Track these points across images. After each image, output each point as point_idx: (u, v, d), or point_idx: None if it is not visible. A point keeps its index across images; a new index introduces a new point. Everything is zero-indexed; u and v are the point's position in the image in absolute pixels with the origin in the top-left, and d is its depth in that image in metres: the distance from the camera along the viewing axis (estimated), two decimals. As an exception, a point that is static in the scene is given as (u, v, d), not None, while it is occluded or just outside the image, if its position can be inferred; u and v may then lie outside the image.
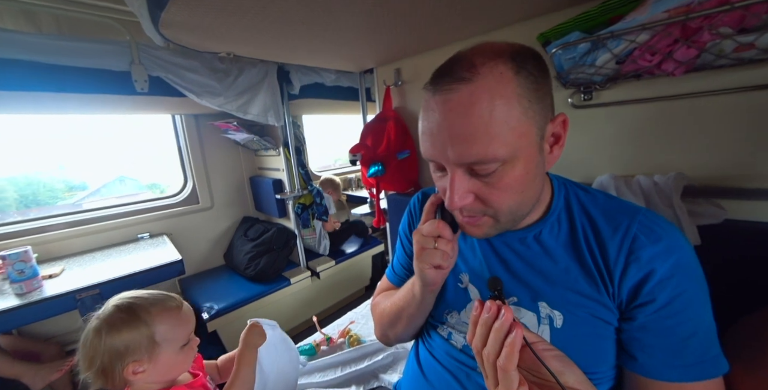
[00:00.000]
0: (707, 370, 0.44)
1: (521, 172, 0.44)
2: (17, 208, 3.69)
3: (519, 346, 0.37)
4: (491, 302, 0.40)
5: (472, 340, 0.41)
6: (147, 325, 0.62)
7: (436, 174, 0.50)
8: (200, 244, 2.18)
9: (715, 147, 0.74)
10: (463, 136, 0.41)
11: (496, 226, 0.49)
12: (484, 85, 0.40)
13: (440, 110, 0.42)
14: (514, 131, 0.41)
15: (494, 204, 0.46)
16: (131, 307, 0.63)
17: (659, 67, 0.72)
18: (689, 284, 0.45)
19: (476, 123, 0.40)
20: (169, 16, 0.63)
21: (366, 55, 1.25)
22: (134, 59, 1.27)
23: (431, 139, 0.45)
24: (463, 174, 0.45)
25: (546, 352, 0.39)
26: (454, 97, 0.41)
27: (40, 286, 1.25)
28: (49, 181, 4.17)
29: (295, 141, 2.05)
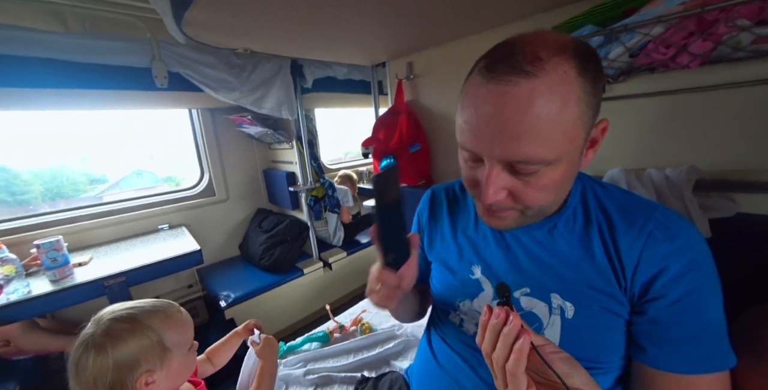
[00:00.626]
0: (715, 364, 0.44)
1: (561, 175, 0.44)
2: (43, 200, 3.87)
3: (527, 351, 0.38)
4: (500, 308, 0.40)
5: (482, 342, 0.42)
6: (155, 331, 0.61)
7: (469, 164, 0.49)
8: (217, 235, 2.25)
9: (728, 140, 0.73)
10: (514, 134, 0.39)
11: (519, 219, 0.50)
12: (548, 83, 0.38)
13: (493, 102, 0.40)
14: (565, 135, 0.40)
15: (526, 202, 0.46)
16: (132, 317, 0.61)
17: (674, 60, 0.72)
18: (702, 282, 0.45)
19: (531, 122, 0.38)
20: (192, 15, 0.65)
21: (378, 50, 1.27)
22: (155, 56, 1.31)
23: (477, 130, 0.43)
24: (501, 170, 0.44)
25: (553, 354, 0.40)
26: (513, 90, 0.38)
27: (71, 273, 1.32)
28: (72, 174, 4.34)
29: (308, 134, 2.08)
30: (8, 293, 1.16)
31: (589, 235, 0.52)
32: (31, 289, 1.20)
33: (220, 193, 2.23)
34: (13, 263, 1.28)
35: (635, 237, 0.48)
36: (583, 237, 0.53)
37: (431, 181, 1.38)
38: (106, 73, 1.26)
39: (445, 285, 0.68)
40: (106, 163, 4.30)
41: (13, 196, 3.49)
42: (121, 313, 0.62)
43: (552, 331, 0.52)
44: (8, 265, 1.25)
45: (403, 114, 1.28)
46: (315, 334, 1.20)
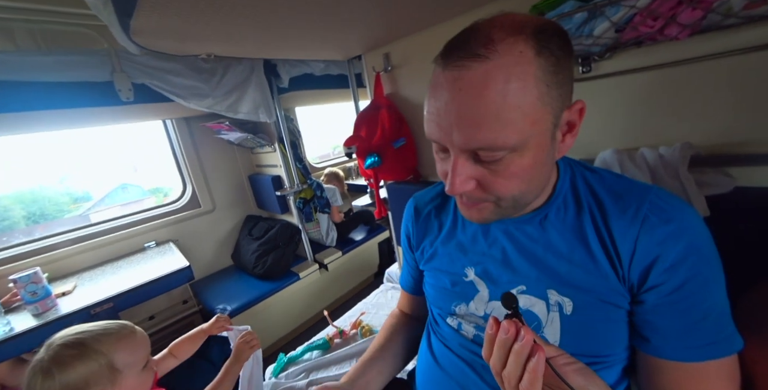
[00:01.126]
0: (721, 349, 0.43)
1: (529, 161, 0.41)
2: (26, 224, 3.74)
3: (542, 370, 0.35)
4: (508, 322, 0.38)
5: (489, 357, 0.39)
6: (103, 355, 0.62)
7: (439, 155, 0.47)
8: (207, 247, 2.20)
9: (721, 112, 0.70)
10: (471, 120, 0.38)
11: (497, 211, 0.47)
12: (501, 65, 0.36)
13: (449, 88, 0.39)
14: (527, 118, 0.38)
15: (497, 192, 0.44)
16: (80, 342, 0.62)
17: (662, 32, 0.68)
18: (703, 266, 0.43)
19: (487, 107, 0.37)
20: (139, 23, 0.59)
21: (352, 42, 1.20)
22: (115, 68, 1.23)
23: (437, 119, 0.41)
24: (466, 159, 0.42)
25: (566, 366, 0.38)
26: (466, 75, 0.37)
27: (54, 304, 1.26)
28: (54, 195, 4.20)
29: (290, 135, 2.02)
30: (-13, 333, 1.10)
31: (582, 223, 0.50)
32: (12, 326, 1.14)
33: (206, 204, 2.16)
34: (-12, 301, 1.22)
35: (630, 223, 0.46)
36: (576, 226, 0.51)
37: (419, 175, 1.34)
38: (66, 90, 1.18)
39: (438, 290, 0.66)
40: (88, 180, 4.16)
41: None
42: (69, 338, 0.63)
43: (552, 329, 0.50)
44: (-17, 304, 1.19)
45: (384, 108, 1.23)
46: (315, 342, 1.17)
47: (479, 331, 0.59)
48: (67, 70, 1.16)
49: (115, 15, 0.62)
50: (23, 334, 1.12)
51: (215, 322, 0.96)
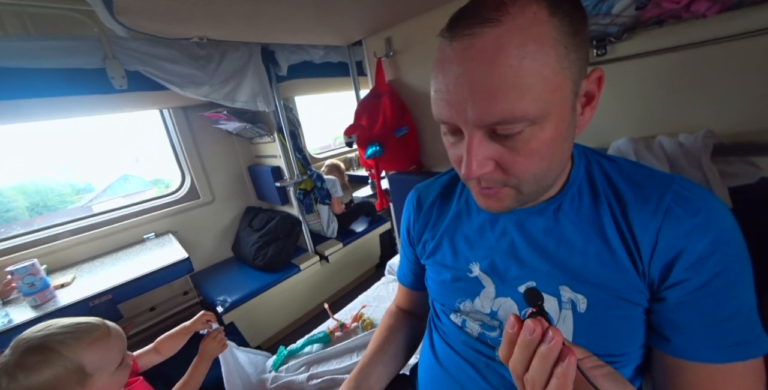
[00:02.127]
0: (748, 351, 0.40)
1: (551, 135, 0.38)
2: (29, 215, 3.74)
3: (573, 376, 0.32)
4: (534, 321, 0.34)
5: (508, 358, 0.36)
6: (71, 360, 0.60)
7: (450, 140, 0.44)
8: (207, 239, 2.18)
9: (749, 98, 0.66)
10: (487, 91, 0.35)
11: (518, 198, 0.44)
12: (515, 28, 0.34)
13: (459, 60, 0.36)
14: (547, 84, 0.35)
15: (517, 172, 0.40)
16: (46, 346, 0.59)
17: (688, 8, 0.63)
18: (731, 261, 0.40)
19: (504, 73, 0.34)
20: (123, 0, 0.54)
21: (352, 26, 1.15)
22: (107, 54, 1.18)
23: (447, 96, 0.38)
24: (482, 137, 0.39)
25: (595, 370, 0.35)
26: (477, 42, 0.34)
27: (53, 296, 1.25)
28: (56, 186, 4.20)
29: (289, 125, 1.97)
30: (-16, 326, 1.09)
31: (599, 214, 0.47)
32: (11, 318, 1.13)
33: (205, 195, 2.13)
34: (-15, 294, 1.20)
35: (651, 214, 0.43)
36: (593, 217, 0.48)
37: (421, 166, 1.30)
38: (57, 77, 1.13)
39: (441, 285, 0.63)
40: (90, 171, 4.16)
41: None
42: (34, 342, 0.60)
43: (564, 327, 0.47)
44: (-19, 297, 1.18)
45: (386, 96, 1.18)
46: (315, 336, 1.16)
47: (485, 330, 0.56)
48: (57, 57, 1.11)
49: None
50: (22, 325, 1.11)
51: (199, 319, 0.94)
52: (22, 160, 2.42)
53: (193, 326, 0.93)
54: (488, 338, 0.56)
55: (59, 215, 3.65)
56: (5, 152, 1.96)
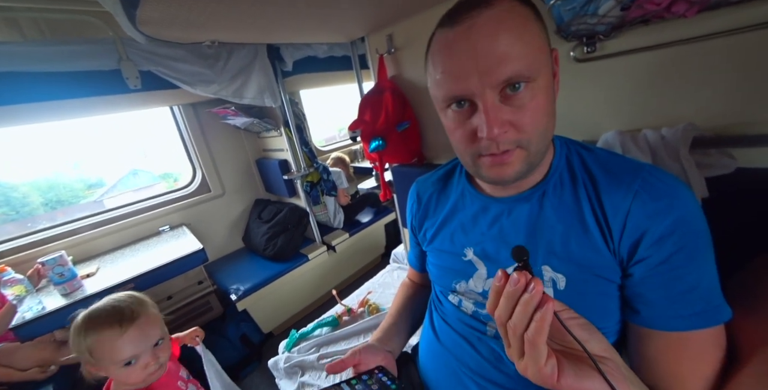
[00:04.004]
0: (708, 319, 0.45)
1: (546, 92, 0.46)
2: (44, 210, 3.88)
3: (550, 320, 0.36)
4: (518, 273, 0.38)
5: (493, 310, 0.40)
6: (84, 342, 0.72)
7: (460, 118, 0.49)
8: (219, 230, 2.27)
9: (728, 92, 0.69)
10: (496, 56, 0.42)
11: (526, 159, 0.49)
12: (504, 9, 0.43)
13: (465, 37, 0.43)
14: (536, 49, 0.44)
15: (528, 127, 0.46)
16: (83, 320, 0.74)
17: (669, 9, 0.66)
18: (690, 240, 0.45)
19: (508, 39, 0.42)
20: (145, 13, 0.60)
21: (355, 23, 1.18)
22: (122, 56, 1.24)
23: (459, 71, 0.45)
24: (494, 101, 0.45)
25: (571, 320, 0.39)
26: (478, 21, 0.42)
27: (81, 285, 1.35)
28: (69, 181, 4.31)
29: (295, 119, 2.02)
30: (23, 312, 1.19)
31: (578, 199, 0.53)
32: (44, 305, 1.23)
33: (216, 189, 2.21)
34: (21, 283, 1.30)
35: (621, 198, 0.48)
36: (572, 202, 0.53)
37: (423, 158, 1.35)
38: (75, 80, 1.20)
39: (440, 268, 0.70)
40: (100, 166, 4.25)
41: (13, 209, 3.50)
42: (85, 312, 0.76)
43: None
44: (18, 286, 1.28)
45: (388, 92, 1.23)
46: (324, 320, 1.24)
47: (477, 307, 0.63)
48: (74, 60, 1.17)
49: (120, 5, 0.63)
50: (54, 312, 1.21)
51: (191, 333, 1.03)
52: (35, 158, 2.50)
53: (184, 339, 1.01)
54: (480, 315, 0.62)
55: (73, 210, 3.79)
56: (19, 150, 2.04)
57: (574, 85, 0.89)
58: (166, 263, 1.47)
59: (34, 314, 1.17)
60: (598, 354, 0.38)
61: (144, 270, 1.42)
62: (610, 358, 0.39)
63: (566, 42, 0.85)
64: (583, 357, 0.38)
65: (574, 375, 0.37)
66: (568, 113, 0.93)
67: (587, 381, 0.37)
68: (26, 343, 1.25)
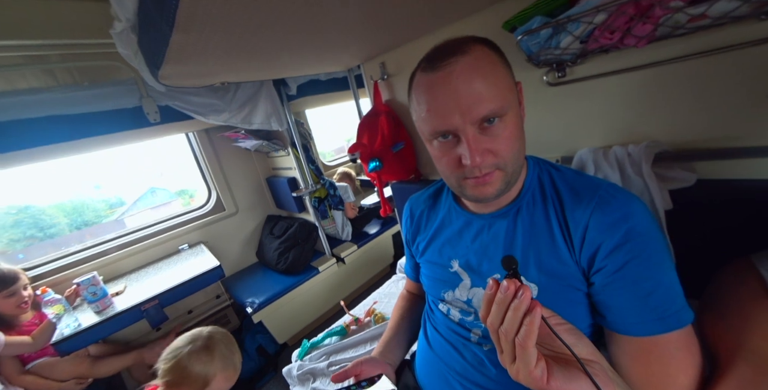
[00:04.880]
0: (669, 324, 0.48)
1: (515, 122, 0.54)
2: (70, 230, 4.11)
3: (538, 324, 0.38)
4: (508, 281, 0.40)
5: (486, 317, 0.42)
6: (206, 374, 0.84)
7: (443, 149, 0.56)
8: (234, 247, 2.38)
9: (686, 112, 0.76)
10: (475, 96, 0.49)
11: (504, 178, 0.56)
12: (478, 57, 0.51)
13: (446, 81, 0.50)
14: (505, 88, 0.52)
15: (504, 153, 0.53)
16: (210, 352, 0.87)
17: (621, 42, 0.74)
18: (642, 249, 0.49)
19: (483, 83, 0.50)
20: (166, 71, 0.72)
21: (351, 55, 1.29)
22: (143, 94, 1.38)
23: (443, 109, 0.51)
24: (475, 133, 0.51)
25: (559, 326, 0.42)
26: (457, 67, 0.50)
27: (111, 303, 1.47)
28: (91, 202, 4.56)
29: (301, 139, 2.13)
30: (62, 328, 1.31)
31: (548, 216, 0.59)
32: (80, 322, 1.35)
33: (230, 207, 2.33)
34: (60, 302, 1.43)
35: (581, 214, 0.54)
36: (543, 218, 0.59)
37: (419, 174, 1.43)
38: (103, 118, 1.35)
39: (431, 279, 0.77)
40: (120, 186, 4.48)
41: (42, 230, 3.73)
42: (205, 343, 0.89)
43: None
44: (57, 305, 1.40)
45: (383, 115, 1.33)
46: (333, 329, 1.31)
47: (463, 315, 0.70)
48: (102, 101, 1.32)
49: (146, 66, 0.75)
50: (89, 328, 1.33)
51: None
52: (60, 181, 2.69)
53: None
54: (465, 322, 0.69)
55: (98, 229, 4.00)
56: (45, 175, 2.21)
57: (548, 106, 0.96)
58: (187, 280, 1.59)
59: (71, 331, 1.29)
60: (585, 357, 0.40)
61: (167, 287, 1.53)
62: (596, 362, 0.41)
63: (538, 68, 0.94)
64: (571, 360, 0.40)
65: (563, 377, 0.39)
66: (546, 132, 1.01)
67: (575, 383, 0.39)
68: (64, 358, 1.37)
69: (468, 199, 0.65)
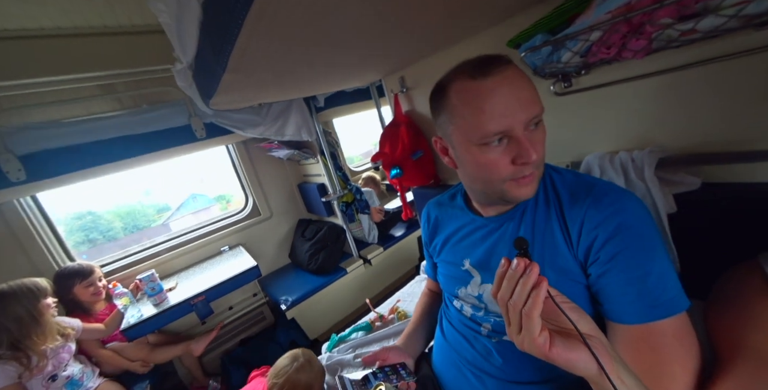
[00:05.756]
0: (661, 312, 0.50)
1: (544, 130, 0.60)
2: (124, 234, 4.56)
3: (544, 295, 0.42)
4: (518, 259, 0.44)
5: (497, 292, 0.46)
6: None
7: (493, 150, 0.58)
8: (269, 249, 2.56)
9: (689, 117, 0.78)
10: (528, 99, 0.55)
11: (539, 177, 0.61)
12: (515, 66, 0.57)
13: (500, 85, 0.54)
14: (538, 94, 0.58)
15: (542, 151, 0.58)
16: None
17: (620, 55, 0.79)
18: (632, 241, 0.53)
19: (530, 87, 0.56)
20: (216, 100, 0.86)
21: (372, 72, 1.40)
22: (191, 114, 1.58)
23: (503, 110, 0.54)
24: (525, 133, 0.56)
25: (564, 304, 0.45)
26: (509, 73, 0.55)
27: (166, 297, 1.67)
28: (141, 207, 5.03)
29: (329, 147, 2.27)
30: (128, 318, 1.52)
31: (549, 216, 0.63)
32: (142, 313, 1.55)
33: (265, 212, 2.52)
34: (126, 295, 1.65)
35: (577, 213, 0.59)
36: (545, 219, 0.64)
37: (439, 180, 1.51)
38: (159, 136, 1.56)
39: (446, 277, 0.85)
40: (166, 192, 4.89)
41: (102, 234, 4.20)
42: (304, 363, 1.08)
43: None
44: (125, 298, 1.63)
45: (403, 125, 1.42)
46: (359, 325, 1.42)
47: (474, 311, 0.76)
48: (157, 122, 1.54)
49: (198, 94, 0.90)
50: (149, 318, 1.53)
51: None
52: (115, 189, 3.02)
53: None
54: (476, 317, 0.76)
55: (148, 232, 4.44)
56: (103, 184, 2.52)
57: (557, 114, 1.01)
58: (229, 278, 1.76)
59: (135, 320, 1.50)
60: (586, 332, 0.44)
61: (212, 284, 1.72)
62: (596, 337, 0.44)
63: (545, 80, 0.99)
64: (574, 335, 0.43)
65: (563, 346, 0.43)
66: (556, 139, 1.04)
67: (574, 352, 0.42)
68: (130, 343, 1.59)
69: (509, 200, 0.66)
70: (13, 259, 1.59)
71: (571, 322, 0.43)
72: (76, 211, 3.91)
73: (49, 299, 1.38)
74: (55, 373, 1.32)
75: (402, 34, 0.90)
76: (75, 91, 1.49)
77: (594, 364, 0.42)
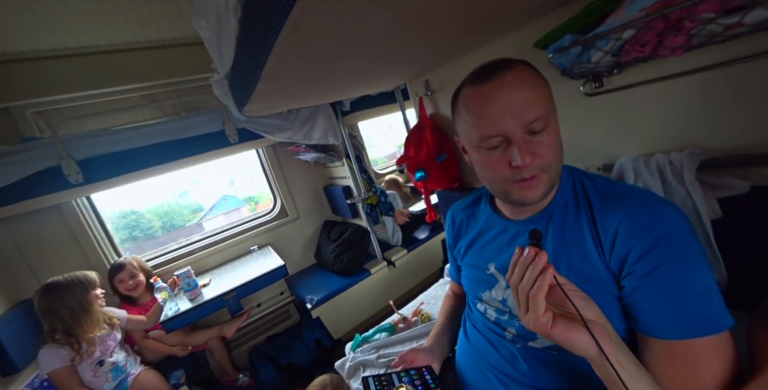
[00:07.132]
0: (703, 328, 0.48)
1: (555, 128, 0.59)
2: (162, 232, 4.87)
3: (549, 280, 0.46)
4: (530, 248, 0.48)
5: (511, 277, 0.50)
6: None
7: (495, 154, 0.60)
8: (296, 249, 2.64)
9: (734, 116, 0.73)
10: (524, 102, 0.55)
11: (547, 180, 0.59)
12: (521, 70, 0.58)
13: (498, 90, 0.56)
14: (548, 97, 0.59)
15: (548, 155, 0.57)
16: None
17: (655, 53, 0.75)
18: (672, 254, 0.50)
19: (529, 92, 0.56)
20: (249, 107, 0.91)
21: (398, 76, 1.42)
22: (225, 120, 1.67)
23: (496, 114, 0.56)
24: (523, 137, 0.56)
25: (571, 291, 0.48)
26: (506, 78, 0.56)
27: (200, 293, 1.77)
28: (177, 207, 5.34)
29: (354, 150, 2.31)
30: (167, 311, 1.63)
31: (580, 222, 0.61)
32: (179, 307, 1.65)
33: (292, 213, 2.60)
34: (165, 290, 1.76)
35: (611, 221, 0.57)
36: (575, 225, 0.62)
37: (463, 183, 1.50)
38: (196, 141, 1.66)
39: (470, 280, 0.85)
40: (200, 194, 5.18)
41: (144, 232, 4.49)
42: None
43: None
44: (164, 292, 1.74)
45: (428, 128, 1.43)
46: (383, 326, 1.43)
47: (498, 314, 0.76)
48: (194, 128, 1.64)
49: (233, 101, 0.96)
50: (186, 312, 1.63)
51: None
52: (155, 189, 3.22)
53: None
54: (501, 321, 0.75)
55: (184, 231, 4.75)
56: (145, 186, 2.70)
57: (587, 116, 0.98)
58: (258, 276, 1.84)
59: (173, 313, 1.60)
60: (589, 318, 0.46)
61: (242, 282, 1.80)
62: (599, 323, 0.47)
63: (574, 80, 0.96)
64: (578, 319, 0.46)
65: (564, 326, 0.46)
66: (586, 141, 1.02)
67: (575, 333, 0.46)
68: (169, 334, 1.70)
69: (513, 203, 0.68)
70: (70, 253, 1.76)
71: (573, 306, 0.46)
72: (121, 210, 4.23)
73: (98, 290, 1.50)
74: (102, 358, 1.43)
75: (427, 41, 0.91)
76: (123, 101, 1.62)
77: (593, 346, 0.45)
